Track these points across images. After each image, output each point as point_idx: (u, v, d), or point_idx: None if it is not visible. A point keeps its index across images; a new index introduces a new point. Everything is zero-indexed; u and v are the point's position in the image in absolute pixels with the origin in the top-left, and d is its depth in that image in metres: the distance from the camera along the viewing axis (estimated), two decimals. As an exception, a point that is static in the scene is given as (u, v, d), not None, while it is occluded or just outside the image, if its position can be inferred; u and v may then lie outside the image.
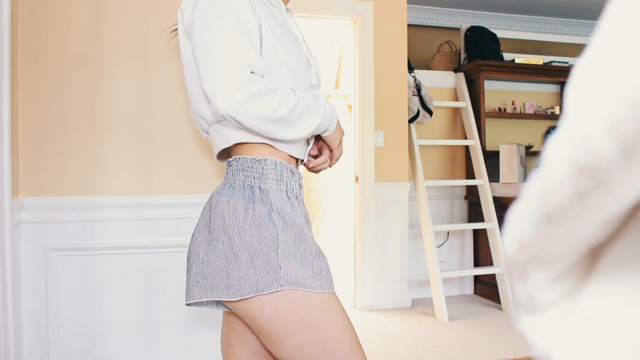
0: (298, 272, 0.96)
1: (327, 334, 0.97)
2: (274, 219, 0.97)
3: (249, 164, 1.02)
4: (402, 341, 2.90)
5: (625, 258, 0.33)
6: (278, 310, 0.95)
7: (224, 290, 0.96)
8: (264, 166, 1.01)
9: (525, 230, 0.32)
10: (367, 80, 3.51)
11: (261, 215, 0.97)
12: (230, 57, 0.93)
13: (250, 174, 1.01)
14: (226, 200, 1.00)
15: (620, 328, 0.32)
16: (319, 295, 0.98)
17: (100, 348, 1.82)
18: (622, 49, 0.24)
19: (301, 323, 0.95)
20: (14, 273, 1.66)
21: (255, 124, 0.95)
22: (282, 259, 0.95)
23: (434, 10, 4.42)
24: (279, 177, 1.02)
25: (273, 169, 1.02)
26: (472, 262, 4.07)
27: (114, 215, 1.82)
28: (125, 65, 1.84)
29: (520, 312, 0.38)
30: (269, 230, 0.96)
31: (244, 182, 1.01)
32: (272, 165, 1.02)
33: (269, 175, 1.01)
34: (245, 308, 0.96)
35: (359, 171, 3.53)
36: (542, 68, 4.09)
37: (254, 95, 0.92)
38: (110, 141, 1.84)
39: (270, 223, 0.97)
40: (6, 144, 1.58)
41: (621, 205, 0.29)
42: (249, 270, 0.94)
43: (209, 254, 0.99)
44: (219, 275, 0.97)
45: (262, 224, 0.96)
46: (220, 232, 0.98)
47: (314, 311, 0.97)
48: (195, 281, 1.00)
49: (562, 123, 0.28)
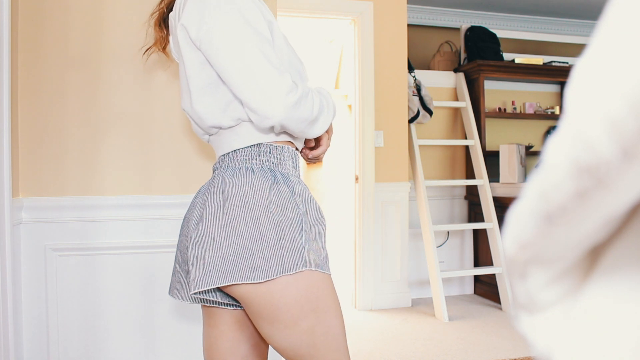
0: (316, 254, 1.00)
1: (332, 315, 1.02)
2: (296, 201, 1.00)
3: (267, 150, 1.04)
4: (402, 341, 2.90)
5: (625, 258, 0.33)
6: (300, 290, 0.97)
7: (247, 273, 0.93)
8: (281, 152, 1.05)
9: (525, 230, 0.32)
10: (367, 80, 3.51)
11: (287, 197, 0.99)
12: (268, 66, 0.96)
13: (268, 159, 1.03)
14: (247, 181, 0.99)
15: (620, 328, 0.32)
16: (328, 277, 1.03)
17: (100, 348, 1.82)
18: (622, 49, 0.24)
19: (315, 303, 0.99)
20: (14, 273, 1.66)
21: (298, 127, 1.01)
22: (305, 241, 0.98)
23: (434, 10, 4.42)
24: (294, 164, 1.07)
25: (289, 156, 1.06)
26: (472, 262, 4.07)
27: (114, 215, 1.82)
28: (126, 65, 1.84)
29: (520, 312, 0.38)
30: (295, 211, 0.99)
31: (263, 165, 1.03)
32: (288, 152, 1.06)
33: (287, 161, 1.05)
34: (267, 290, 0.94)
35: (359, 171, 3.53)
36: (542, 68, 4.09)
37: (299, 100, 0.97)
38: (111, 141, 1.84)
39: (294, 204, 0.99)
40: (6, 144, 1.58)
41: (621, 205, 0.29)
42: (276, 250, 0.94)
43: (229, 236, 0.95)
44: (242, 257, 0.93)
45: (289, 205, 0.98)
46: (241, 212, 0.95)
47: (323, 292, 1.01)
48: (212, 265, 0.94)
49: (562, 123, 0.28)
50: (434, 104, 3.86)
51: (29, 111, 1.77)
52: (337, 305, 1.05)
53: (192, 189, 1.87)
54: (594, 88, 0.25)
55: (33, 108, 1.78)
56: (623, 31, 0.24)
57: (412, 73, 3.75)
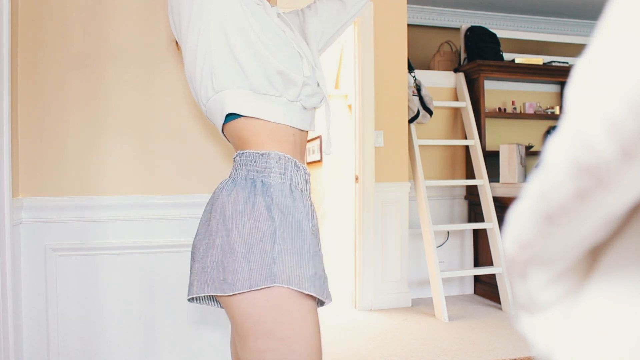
0: (293, 270, 0.93)
1: (290, 348, 0.92)
2: (273, 213, 0.96)
3: (252, 158, 1.01)
4: (402, 341, 2.90)
5: (625, 258, 0.33)
6: (256, 308, 0.92)
7: (220, 285, 0.94)
8: (267, 160, 1.01)
9: (525, 230, 0.32)
10: (367, 80, 3.51)
11: (260, 209, 0.96)
12: None
13: (252, 168, 1.00)
14: (227, 193, 0.99)
15: (621, 328, 0.32)
16: (306, 300, 0.95)
17: (100, 348, 1.82)
18: (622, 49, 0.24)
19: (271, 325, 0.92)
20: (14, 273, 1.66)
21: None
22: (278, 255, 0.93)
23: (434, 10, 4.42)
24: (282, 171, 1.01)
25: (277, 162, 1.01)
26: (472, 262, 4.07)
27: (114, 215, 1.82)
28: (126, 65, 1.84)
29: (520, 312, 0.38)
30: (267, 224, 0.94)
31: (246, 176, 1.00)
32: (275, 158, 1.01)
33: (273, 168, 1.00)
34: (233, 303, 0.94)
35: (359, 171, 3.53)
36: (542, 68, 4.09)
37: None
38: (111, 141, 1.84)
39: (269, 217, 0.95)
40: (6, 144, 1.58)
41: (621, 205, 0.29)
42: (244, 264, 0.93)
43: (208, 248, 0.98)
44: (216, 270, 0.95)
45: (261, 217, 0.95)
46: (219, 225, 0.97)
47: (289, 317, 0.93)
48: (195, 275, 1.00)
49: (562, 123, 0.28)
50: (434, 104, 3.86)
51: (29, 111, 1.77)
52: (304, 338, 0.93)
53: (193, 189, 1.87)
54: (594, 88, 0.25)
55: (33, 108, 1.78)
56: (623, 31, 0.24)
57: (412, 73, 3.75)
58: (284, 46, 1.03)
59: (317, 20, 1.22)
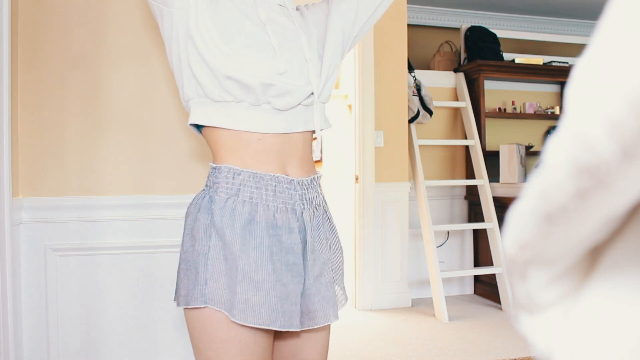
0: (224, 294, 0.90)
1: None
2: (210, 232, 0.92)
3: (210, 172, 0.99)
4: (402, 341, 2.90)
5: (625, 258, 0.33)
6: (194, 327, 0.94)
7: (176, 296, 0.98)
8: (217, 174, 0.96)
9: (525, 231, 0.32)
10: (367, 80, 3.51)
11: (199, 227, 0.94)
12: None
13: (208, 182, 0.98)
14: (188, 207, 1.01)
15: (621, 328, 0.32)
16: (234, 327, 0.91)
17: (100, 348, 1.82)
18: (622, 49, 0.24)
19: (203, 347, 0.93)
20: (14, 273, 1.66)
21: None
22: (211, 276, 0.91)
23: (434, 10, 4.42)
24: (230, 186, 0.94)
25: (226, 177, 0.95)
26: (472, 262, 4.07)
27: (114, 215, 1.82)
28: (126, 65, 1.84)
29: (520, 312, 0.38)
30: (202, 243, 0.93)
31: (204, 190, 0.99)
32: (225, 172, 0.95)
33: (221, 183, 0.95)
34: (185, 313, 0.98)
35: (359, 171, 3.53)
36: (542, 68, 4.09)
37: None
38: (110, 141, 1.84)
39: (206, 236, 0.93)
40: (6, 144, 1.58)
41: (621, 206, 0.29)
42: (184, 280, 0.95)
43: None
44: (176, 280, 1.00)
45: (199, 235, 0.93)
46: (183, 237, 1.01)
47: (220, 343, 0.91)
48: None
49: (562, 123, 0.28)
50: (434, 104, 3.86)
51: (29, 111, 1.77)
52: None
53: (192, 189, 1.87)
54: (594, 88, 0.25)
55: (33, 108, 1.78)
56: (623, 31, 0.24)
57: (412, 73, 3.75)
58: (250, 47, 0.95)
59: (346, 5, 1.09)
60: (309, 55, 1.01)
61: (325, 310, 0.98)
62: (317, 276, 0.98)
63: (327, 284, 1.00)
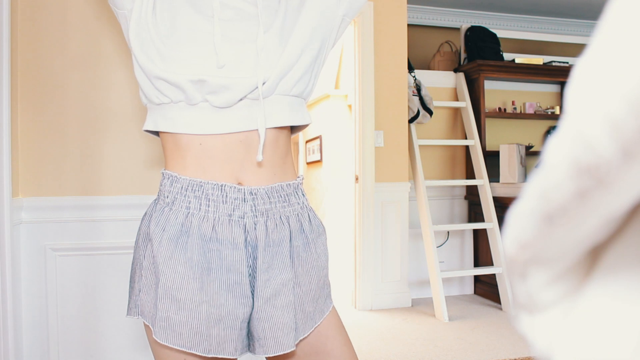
0: (151, 308, 0.85)
1: None
2: (147, 242, 0.88)
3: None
4: (402, 341, 2.90)
5: (626, 258, 0.33)
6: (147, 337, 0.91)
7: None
8: (161, 181, 0.90)
9: (525, 230, 0.32)
10: (367, 80, 3.51)
11: (140, 235, 0.91)
12: None
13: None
14: None
15: (621, 328, 0.32)
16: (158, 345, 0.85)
17: (100, 348, 1.82)
18: (622, 49, 0.24)
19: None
20: (14, 273, 1.66)
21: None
22: (143, 286, 0.86)
23: (434, 10, 4.42)
24: (167, 194, 0.87)
25: (165, 184, 0.88)
26: (472, 262, 4.07)
27: (113, 215, 1.82)
28: (125, 65, 1.84)
29: (520, 312, 0.38)
30: (139, 252, 0.90)
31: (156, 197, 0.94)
32: (165, 179, 0.89)
33: (162, 191, 0.88)
34: None
35: (359, 171, 3.53)
36: (542, 68, 4.09)
37: None
38: (110, 141, 1.84)
39: (143, 245, 0.89)
40: (6, 144, 1.58)
41: (621, 206, 0.29)
42: (129, 288, 0.94)
43: None
44: None
45: (139, 244, 0.91)
46: None
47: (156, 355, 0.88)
48: None
49: (562, 123, 0.28)
50: (434, 104, 3.86)
51: (29, 111, 1.77)
52: None
53: (192, 189, 1.87)
54: (594, 88, 0.25)
55: (33, 108, 1.77)
56: (623, 31, 0.24)
57: (412, 73, 3.75)
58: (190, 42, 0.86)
59: None
60: (263, 43, 0.88)
61: (277, 339, 0.85)
62: (269, 298, 0.86)
63: (283, 308, 0.86)
